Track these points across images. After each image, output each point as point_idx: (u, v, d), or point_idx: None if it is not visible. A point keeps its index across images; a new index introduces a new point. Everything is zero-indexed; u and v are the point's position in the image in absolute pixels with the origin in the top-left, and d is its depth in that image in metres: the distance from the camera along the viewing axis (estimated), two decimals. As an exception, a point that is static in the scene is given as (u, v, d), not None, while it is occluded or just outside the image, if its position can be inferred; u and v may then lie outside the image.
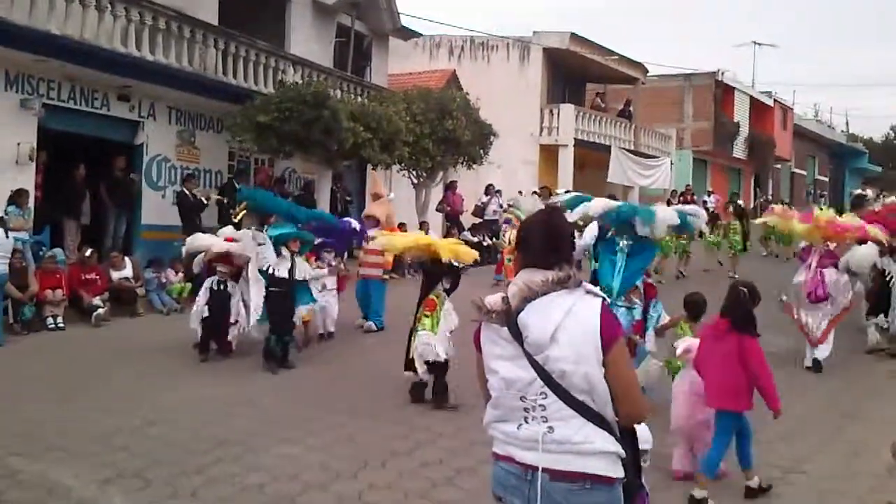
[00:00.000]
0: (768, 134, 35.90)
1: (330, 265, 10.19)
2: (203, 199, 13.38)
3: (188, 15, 13.57)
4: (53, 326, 10.46)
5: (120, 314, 11.46)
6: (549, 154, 23.66)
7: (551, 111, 23.97)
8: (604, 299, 2.61)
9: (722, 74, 32.24)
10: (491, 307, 2.57)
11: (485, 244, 17.14)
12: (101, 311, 11.02)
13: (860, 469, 6.00)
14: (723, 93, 32.67)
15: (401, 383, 7.64)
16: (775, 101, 37.34)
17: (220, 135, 14.92)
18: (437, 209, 18.86)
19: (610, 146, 24.74)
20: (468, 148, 17.88)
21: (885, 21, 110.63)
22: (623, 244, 7.23)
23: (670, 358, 6.49)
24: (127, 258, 12.36)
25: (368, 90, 17.88)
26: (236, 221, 9.87)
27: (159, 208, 13.74)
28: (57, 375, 8.22)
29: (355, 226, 10.88)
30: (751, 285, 5.46)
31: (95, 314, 10.94)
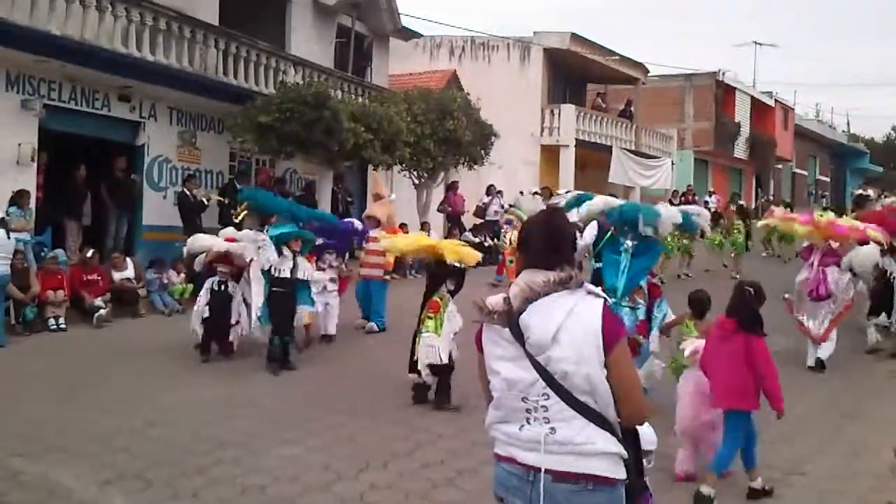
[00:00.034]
0: (769, 134, 35.89)
1: (331, 266, 10.18)
2: (204, 200, 13.36)
3: (188, 15, 13.57)
4: (55, 327, 10.46)
5: (121, 315, 11.46)
6: (551, 154, 23.65)
7: (552, 111, 23.96)
8: (605, 300, 2.61)
9: (723, 74, 32.23)
10: (492, 308, 2.57)
11: (486, 245, 17.11)
12: (103, 312, 11.02)
13: (860, 469, 5.99)
14: (724, 93, 32.66)
15: (401, 384, 7.62)
16: (776, 102, 37.35)
17: (221, 135, 14.91)
18: (439, 210, 18.85)
19: (611, 146, 24.73)
20: (469, 148, 17.87)
21: (886, 20, 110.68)
22: (628, 244, 7.16)
23: (675, 356, 6.48)
24: (128, 259, 12.35)
25: (369, 91, 17.88)
26: (237, 222, 9.87)
27: (160, 209, 13.73)
28: (58, 376, 8.22)
29: (357, 226, 10.88)
30: (757, 285, 5.43)
31: (97, 315, 10.94)
